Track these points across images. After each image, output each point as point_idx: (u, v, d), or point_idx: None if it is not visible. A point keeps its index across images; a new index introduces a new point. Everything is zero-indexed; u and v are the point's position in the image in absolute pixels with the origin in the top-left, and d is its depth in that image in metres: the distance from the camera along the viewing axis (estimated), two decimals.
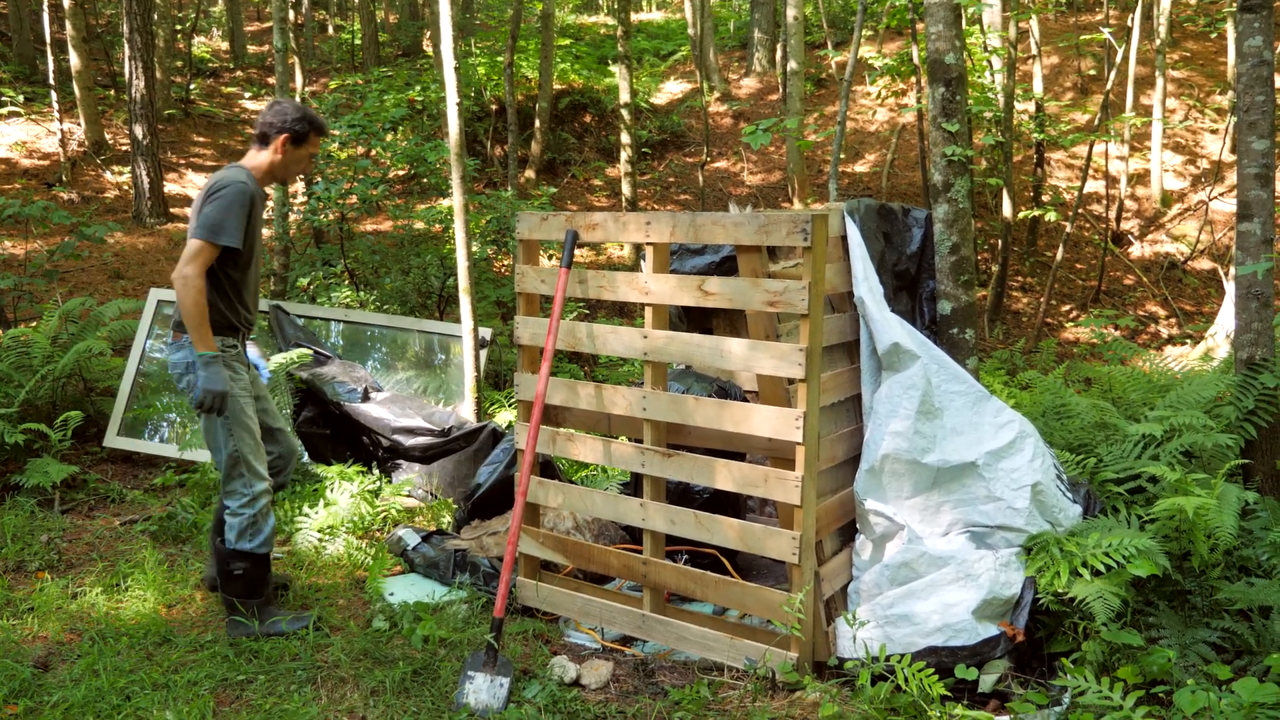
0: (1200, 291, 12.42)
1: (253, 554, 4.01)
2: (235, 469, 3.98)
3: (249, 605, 4.03)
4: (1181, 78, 15.98)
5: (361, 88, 12.67)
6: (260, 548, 4.01)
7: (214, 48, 20.53)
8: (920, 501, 3.76)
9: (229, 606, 4.03)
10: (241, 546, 3.98)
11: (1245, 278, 4.52)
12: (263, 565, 4.06)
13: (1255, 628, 3.61)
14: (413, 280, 8.57)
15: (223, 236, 3.81)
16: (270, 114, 4.04)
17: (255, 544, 4.00)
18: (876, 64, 13.48)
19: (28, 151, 13.13)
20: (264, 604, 4.07)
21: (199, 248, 3.80)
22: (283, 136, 4.00)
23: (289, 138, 4.01)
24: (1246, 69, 4.54)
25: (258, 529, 4.00)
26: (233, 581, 4.01)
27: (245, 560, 4.00)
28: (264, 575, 4.07)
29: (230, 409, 3.92)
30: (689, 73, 18.26)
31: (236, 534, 3.98)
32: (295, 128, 4.01)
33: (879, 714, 3.28)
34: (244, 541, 3.98)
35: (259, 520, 4.00)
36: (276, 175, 4.10)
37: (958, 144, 4.65)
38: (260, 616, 4.03)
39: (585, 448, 4.07)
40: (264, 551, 4.03)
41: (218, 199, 3.84)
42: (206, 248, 3.81)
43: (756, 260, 3.65)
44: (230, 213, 3.82)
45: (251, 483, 3.99)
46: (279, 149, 4.02)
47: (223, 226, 3.81)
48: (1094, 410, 4.69)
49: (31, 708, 3.43)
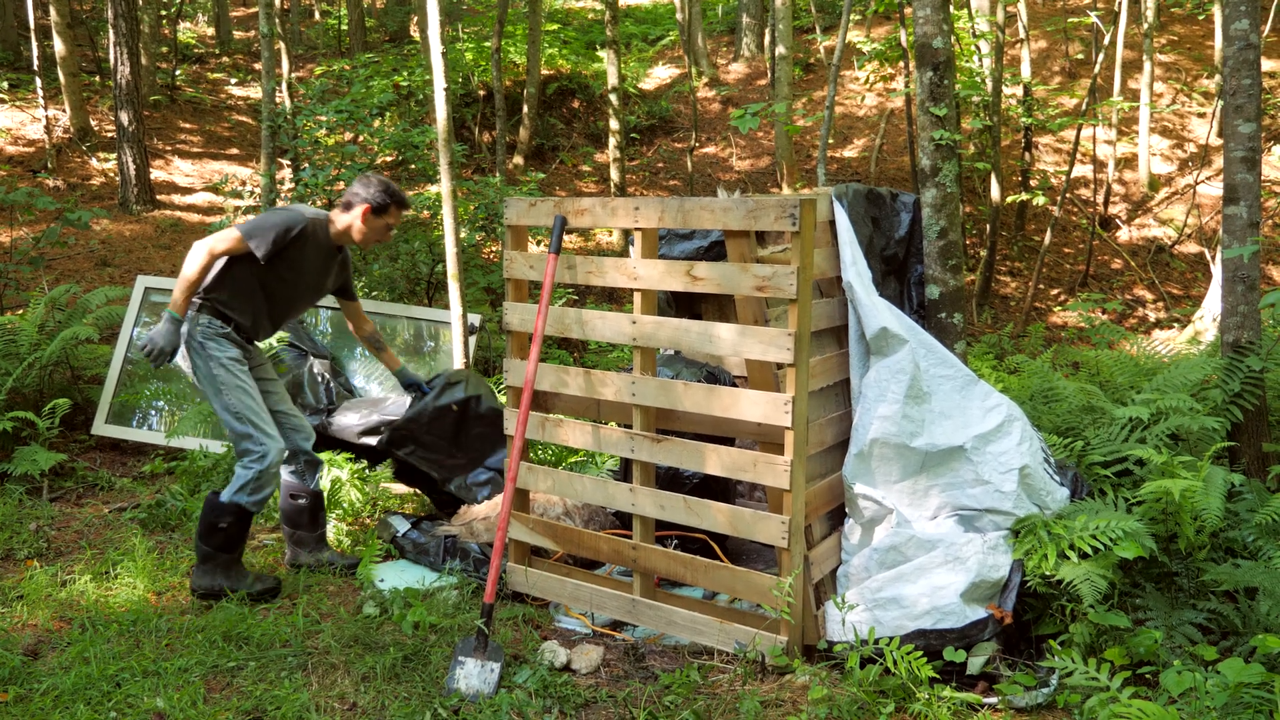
0: (1187, 275, 12.47)
1: (243, 509, 4.14)
2: (241, 426, 4.15)
3: (222, 559, 4.17)
4: (1169, 61, 16.00)
5: (348, 73, 12.59)
6: (252, 506, 4.16)
7: (199, 33, 20.37)
8: (909, 485, 3.78)
9: (203, 558, 4.17)
10: (239, 500, 4.13)
11: (1232, 261, 4.54)
12: (246, 523, 4.20)
13: (1241, 609, 3.64)
14: (401, 267, 8.54)
15: (253, 240, 4.12)
16: (359, 184, 4.34)
17: (250, 500, 4.15)
18: (865, 49, 13.46)
19: (12, 138, 13.02)
20: (235, 560, 4.22)
21: (232, 235, 4.11)
22: (364, 208, 4.30)
23: (370, 209, 4.31)
24: (1233, 52, 4.55)
25: (260, 486, 4.16)
26: (215, 534, 4.14)
27: (234, 515, 4.14)
28: (243, 533, 4.21)
29: (220, 379, 4.14)
30: (677, 58, 18.20)
31: (238, 487, 4.13)
32: (377, 200, 4.31)
33: (868, 696, 3.30)
34: (242, 495, 4.13)
35: (263, 479, 4.15)
36: (354, 239, 4.37)
37: (946, 128, 4.65)
38: (229, 573, 4.19)
39: (574, 433, 4.08)
40: (253, 510, 4.18)
41: (273, 213, 4.23)
42: (237, 241, 4.11)
43: (745, 245, 3.65)
44: (273, 228, 4.14)
45: (260, 440, 4.15)
46: (361, 216, 4.32)
47: (259, 234, 4.12)
48: (1081, 394, 4.71)
49: (22, 695, 3.42)
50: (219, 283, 4.20)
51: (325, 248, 4.35)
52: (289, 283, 4.31)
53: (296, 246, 4.22)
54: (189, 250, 4.08)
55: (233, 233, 4.11)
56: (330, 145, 8.80)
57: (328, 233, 4.34)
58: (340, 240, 4.39)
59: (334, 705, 3.39)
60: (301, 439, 4.50)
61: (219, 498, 4.16)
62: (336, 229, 4.35)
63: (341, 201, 4.36)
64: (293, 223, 4.17)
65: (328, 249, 4.37)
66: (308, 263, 4.31)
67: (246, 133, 15.32)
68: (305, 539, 4.56)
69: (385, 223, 4.37)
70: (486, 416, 5.19)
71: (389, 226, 4.39)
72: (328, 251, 4.38)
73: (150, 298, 6.64)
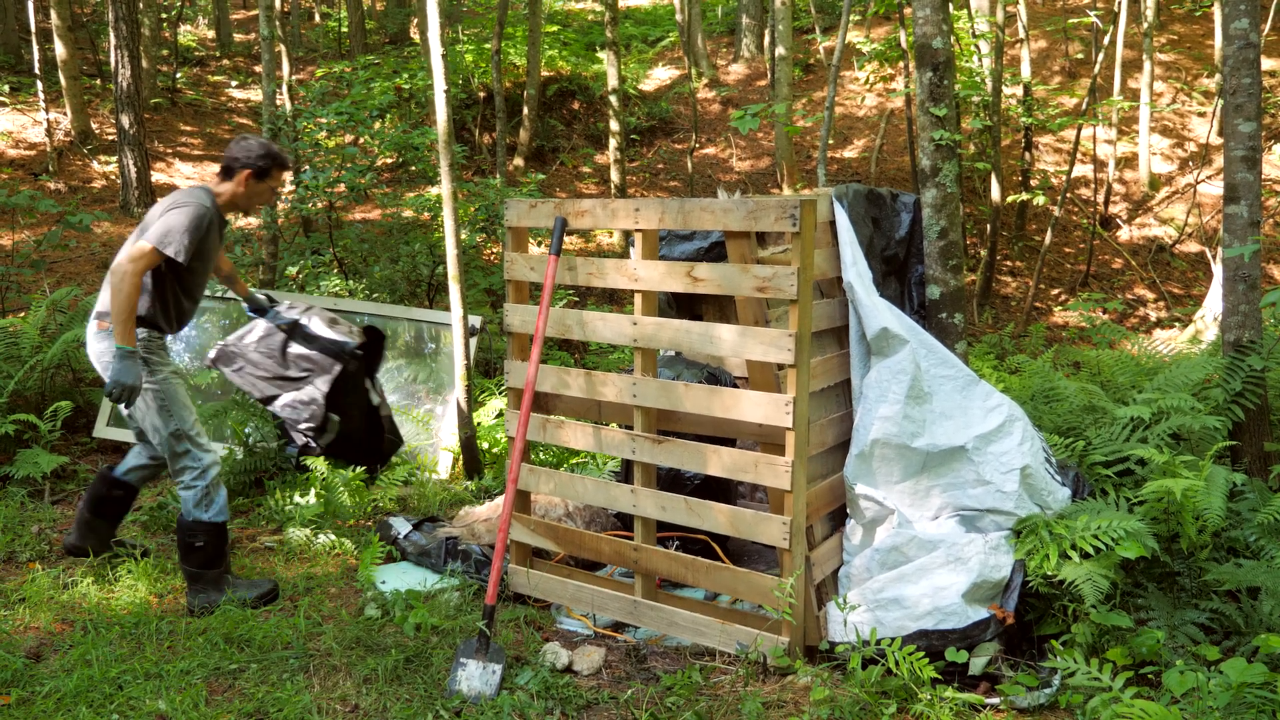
0: (1188, 274, 12.46)
1: (211, 524, 4.14)
2: (179, 444, 4.12)
3: (209, 575, 4.15)
4: (1169, 61, 16.00)
5: (349, 75, 12.61)
6: (216, 517, 4.16)
7: (200, 36, 20.38)
8: (910, 486, 3.78)
9: (191, 579, 4.16)
10: (200, 516, 4.12)
11: (1232, 260, 4.53)
12: (221, 536, 4.19)
13: (1243, 608, 3.63)
14: (402, 268, 8.54)
15: (170, 247, 3.97)
16: (236, 148, 4.24)
17: (211, 514, 4.15)
18: (865, 49, 13.47)
19: (14, 141, 13.03)
20: (223, 573, 4.20)
21: (147, 251, 3.95)
22: (245, 173, 4.19)
23: (251, 174, 4.20)
24: (1233, 51, 4.55)
25: (210, 499, 4.14)
26: (194, 554, 4.13)
27: (205, 532, 4.13)
28: (222, 546, 4.20)
29: (161, 395, 4.10)
30: (677, 59, 18.21)
31: (193, 504, 4.12)
32: (258, 164, 4.20)
33: (870, 697, 3.30)
34: (200, 511, 4.13)
35: (211, 491, 4.15)
36: (239, 205, 4.28)
37: (946, 129, 4.65)
38: (221, 587, 4.17)
39: (576, 434, 4.08)
40: (220, 521, 4.17)
41: (177, 211, 4.03)
42: (153, 254, 3.97)
43: (745, 246, 3.65)
44: (186, 230, 3.99)
45: (199, 456, 4.14)
46: (242, 182, 4.21)
47: (175, 239, 3.98)
48: (1082, 394, 4.71)
49: (24, 698, 3.42)
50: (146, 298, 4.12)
51: (220, 225, 4.26)
52: (201, 271, 4.22)
53: (207, 235, 4.11)
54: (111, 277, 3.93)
55: (144, 247, 3.94)
56: (331, 147, 8.80)
57: (217, 207, 4.20)
58: (227, 210, 4.28)
59: (336, 707, 3.39)
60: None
61: (182, 519, 4.15)
62: (223, 200, 4.22)
63: (221, 168, 4.23)
64: (202, 216, 4.04)
65: (221, 222, 4.27)
66: (213, 245, 4.20)
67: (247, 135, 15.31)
68: (100, 528, 4.47)
69: (269, 186, 4.27)
70: (318, 340, 5.20)
71: (273, 189, 4.30)
72: (221, 224, 4.29)
73: None
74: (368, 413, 5.53)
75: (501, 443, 6.15)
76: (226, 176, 4.23)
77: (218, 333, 6.61)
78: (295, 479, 5.56)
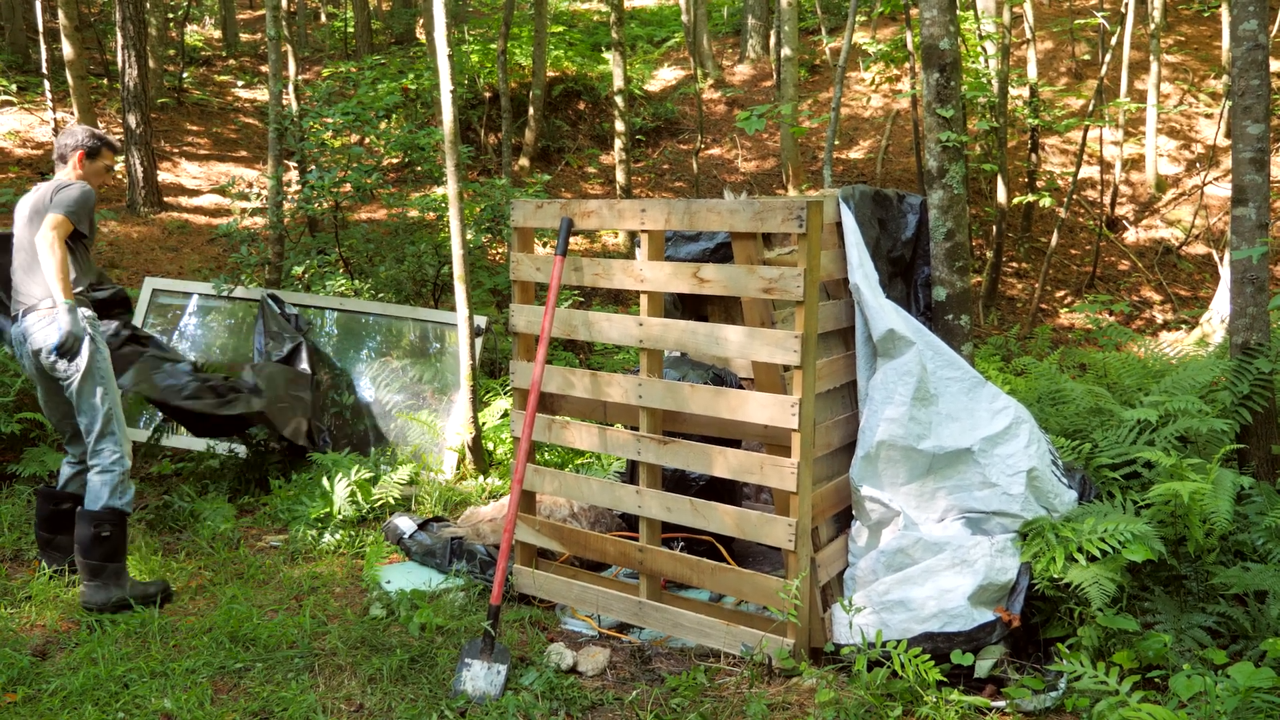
0: (1195, 276, 12.43)
1: (121, 513, 4.17)
2: (108, 426, 4.20)
3: (111, 569, 4.15)
4: (1176, 62, 15.96)
5: (355, 75, 12.62)
6: (127, 506, 4.20)
7: (206, 36, 20.42)
8: (916, 488, 3.77)
9: (92, 572, 4.13)
10: (114, 503, 4.15)
11: (1240, 262, 4.52)
12: (125, 526, 4.22)
13: (1251, 612, 3.62)
14: (407, 268, 8.55)
15: (78, 217, 4.23)
16: (64, 137, 4.47)
17: (124, 502, 4.19)
18: (871, 50, 13.45)
19: (21, 141, 13.06)
20: (123, 568, 4.21)
21: (61, 220, 4.16)
22: (79, 153, 4.42)
23: (84, 153, 4.44)
24: (1241, 53, 4.53)
25: (126, 487, 4.20)
26: (101, 544, 4.13)
27: (115, 521, 4.15)
28: (125, 538, 4.23)
29: (101, 369, 4.22)
30: (683, 59, 18.20)
31: (110, 491, 4.15)
32: (88, 144, 4.45)
33: (875, 699, 3.29)
34: (115, 498, 4.16)
35: (125, 479, 4.21)
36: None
37: (952, 129, 4.65)
38: (121, 581, 4.17)
39: (581, 435, 4.07)
40: (128, 511, 4.21)
41: (71, 190, 4.26)
42: (66, 222, 4.17)
43: (752, 247, 3.65)
44: (82, 204, 4.26)
45: (120, 441, 4.23)
46: (78, 164, 4.43)
47: (77, 211, 4.23)
48: (1089, 396, 4.69)
49: (30, 695, 3.43)
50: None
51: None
52: (90, 243, 4.44)
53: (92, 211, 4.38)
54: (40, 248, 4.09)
55: (58, 217, 4.14)
56: (336, 147, 8.81)
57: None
58: None
59: (341, 707, 3.39)
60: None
61: (89, 509, 4.14)
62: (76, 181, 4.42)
63: (56, 156, 4.45)
64: (89, 190, 4.31)
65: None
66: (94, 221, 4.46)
67: (253, 135, 15.35)
68: (65, 544, 4.47)
69: (102, 164, 4.50)
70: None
71: (107, 168, 4.53)
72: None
73: (158, 299, 6.65)
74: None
75: (506, 443, 6.15)
76: (62, 163, 4.43)
77: (223, 331, 6.62)
78: (300, 478, 5.56)
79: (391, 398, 6.39)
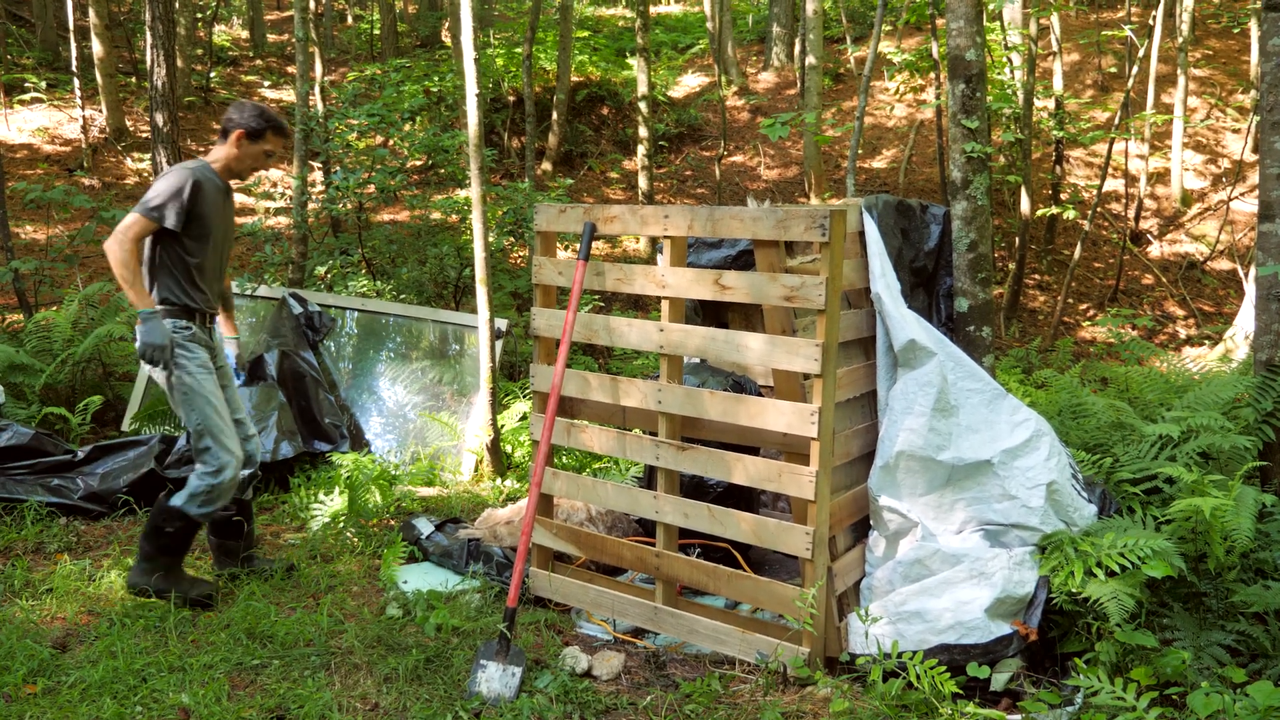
0: (1219, 292, 12.34)
1: (191, 519, 4.11)
2: (201, 441, 4.08)
3: (163, 562, 4.13)
4: (1203, 76, 15.86)
5: (380, 77, 12.70)
6: (200, 517, 4.12)
7: (234, 36, 20.59)
8: (934, 499, 3.76)
9: (145, 556, 4.12)
10: (189, 509, 4.08)
11: (1266, 279, 4.49)
12: (192, 531, 4.16)
13: (1271, 631, 3.59)
14: (429, 270, 8.60)
15: (154, 212, 3.99)
16: (232, 110, 4.23)
17: (200, 511, 4.10)
18: (895, 59, 13.43)
19: (50, 137, 13.21)
20: (175, 564, 4.18)
21: (131, 220, 3.98)
22: (239, 132, 4.18)
23: (244, 133, 4.18)
24: (1270, 68, 4.50)
25: (213, 499, 4.10)
26: (160, 536, 4.10)
27: (182, 521, 4.10)
28: (188, 541, 4.16)
29: (185, 385, 4.05)
30: (707, 66, 18.22)
31: (189, 497, 4.08)
32: (251, 124, 4.18)
33: (890, 711, 3.28)
34: (192, 505, 4.08)
35: (216, 492, 4.10)
36: (233, 170, 4.26)
37: (977, 141, 4.64)
38: (167, 576, 4.14)
39: (599, 439, 4.08)
40: (200, 521, 4.14)
41: (159, 180, 4.06)
42: (138, 221, 3.98)
43: (774, 255, 3.65)
44: (167, 195, 4.00)
45: (219, 454, 4.09)
46: (235, 143, 4.19)
47: (155, 203, 3.99)
48: (1110, 410, 4.67)
49: (50, 687, 3.46)
50: (151, 273, 4.11)
51: (221, 189, 4.24)
52: (206, 239, 4.16)
53: (197, 200, 4.08)
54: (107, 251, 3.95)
55: (132, 217, 3.97)
56: (361, 149, 8.87)
57: (214, 173, 4.21)
58: (225, 176, 4.26)
59: (356, 705, 3.41)
60: (248, 448, 4.41)
61: (169, 501, 4.10)
62: (219, 165, 4.22)
63: (219, 133, 4.24)
64: (183, 180, 4.03)
65: (223, 189, 4.26)
66: (212, 211, 4.16)
67: None
68: (233, 549, 4.47)
69: (262, 149, 4.24)
70: None
71: (267, 153, 4.26)
72: (224, 192, 4.27)
73: None
74: None
75: (525, 446, 6.17)
76: (223, 138, 4.22)
77: (245, 330, 6.67)
78: (319, 477, 5.60)
79: (411, 398, 6.42)
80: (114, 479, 5.25)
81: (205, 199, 4.11)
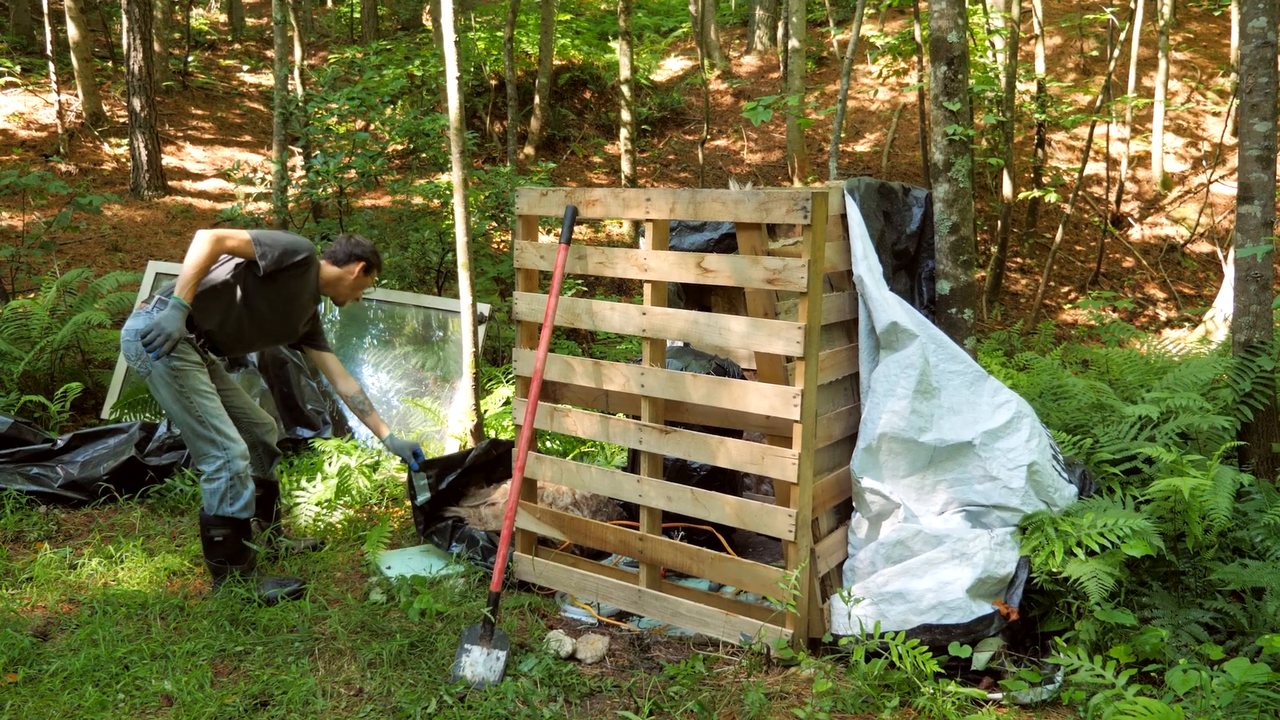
0: (1199, 274, 12.42)
1: (233, 520, 4.06)
2: (202, 432, 4.03)
3: (234, 571, 4.10)
4: (1184, 59, 15.92)
5: (360, 61, 12.60)
6: (240, 513, 4.07)
7: (212, 20, 20.39)
8: (916, 480, 3.78)
9: (215, 573, 4.12)
10: (224, 510, 4.04)
11: (1245, 260, 4.52)
12: (244, 531, 4.13)
13: (1248, 609, 3.63)
14: (411, 255, 8.56)
15: (261, 247, 4.04)
16: (348, 243, 4.39)
17: (236, 508, 4.05)
18: (878, 42, 13.42)
19: (25, 123, 13.06)
20: (248, 569, 4.15)
21: (243, 236, 4.03)
22: (361, 264, 4.37)
23: (365, 266, 4.39)
24: (1250, 51, 4.52)
25: (237, 493, 4.05)
26: (215, 548, 4.09)
27: (226, 526, 4.06)
28: (239, 541, 4.13)
29: (178, 369, 3.99)
30: (690, 50, 18.17)
31: (217, 499, 4.04)
32: (371, 258, 4.41)
33: (873, 690, 3.31)
34: (225, 505, 4.04)
35: (236, 484, 4.05)
36: (336, 290, 4.40)
37: (959, 123, 4.64)
38: (247, 582, 4.11)
39: (583, 423, 4.08)
40: (245, 517, 4.09)
41: (285, 232, 4.22)
42: (244, 241, 4.02)
43: (756, 238, 3.65)
44: (282, 245, 4.10)
45: (224, 445, 4.05)
46: (349, 270, 4.36)
47: (269, 244, 4.06)
48: (1091, 391, 4.70)
49: (31, 676, 3.44)
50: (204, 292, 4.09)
51: (313, 289, 4.31)
52: (272, 307, 4.20)
53: (294, 274, 4.15)
54: (195, 237, 3.95)
55: (244, 234, 4.02)
56: (342, 133, 8.81)
57: (319, 277, 4.34)
58: (325, 290, 4.39)
59: (340, 691, 3.40)
60: (263, 432, 4.43)
61: (203, 513, 4.07)
62: (325, 277, 4.35)
63: (328, 253, 4.37)
64: (301, 248, 4.14)
65: (314, 292, 4.34)
66: (295, 295, 4.23)
67: (258, 120, 15.34)
68: (260, 527, 4.49)
69: (366, 282, 4.44)
70: None
71: (365, 286, 4.48)
72: (313, 294, 4.34)
73: (161, 283, 6.65)
74: None
75: (508, 430, 6.16)
76: (335, 262, 4.36)
77: None
78: (302, 463, 5.58)
79: (394, 384, 6.40)
80: (94, 467, 5.22)
81: (299, 280, 4.20)
